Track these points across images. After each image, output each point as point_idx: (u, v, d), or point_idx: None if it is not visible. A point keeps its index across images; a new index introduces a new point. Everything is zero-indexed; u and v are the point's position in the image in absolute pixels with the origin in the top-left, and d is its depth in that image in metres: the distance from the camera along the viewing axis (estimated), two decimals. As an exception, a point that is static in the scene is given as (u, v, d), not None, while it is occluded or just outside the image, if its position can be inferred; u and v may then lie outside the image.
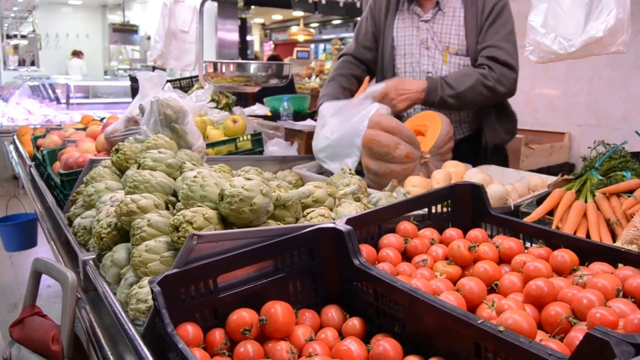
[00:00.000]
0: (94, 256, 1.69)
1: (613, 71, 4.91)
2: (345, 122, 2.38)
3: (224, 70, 2.66)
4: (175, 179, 1.74)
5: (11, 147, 4.30)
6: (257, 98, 5.71)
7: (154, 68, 8.89)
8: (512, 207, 1.92)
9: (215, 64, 2.68)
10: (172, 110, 2.09)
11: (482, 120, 2.73)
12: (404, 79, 2.65)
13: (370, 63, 2.97)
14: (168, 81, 4.19)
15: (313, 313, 1.30)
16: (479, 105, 2.66)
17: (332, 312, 1.30)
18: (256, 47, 17.37)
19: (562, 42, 1.90)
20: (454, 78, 2.55)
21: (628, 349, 0.77)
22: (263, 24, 18.25)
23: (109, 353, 1.35)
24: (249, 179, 1.40)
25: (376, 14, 2.90)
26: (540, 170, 3.68)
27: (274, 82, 2.76)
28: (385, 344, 1.12)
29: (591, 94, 5.09)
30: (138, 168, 1.79)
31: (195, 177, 1.49)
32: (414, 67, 2.78)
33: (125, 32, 14.29)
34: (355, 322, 1.25)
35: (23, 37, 14.18)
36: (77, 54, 15.36)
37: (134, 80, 4.38)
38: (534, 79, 5.52)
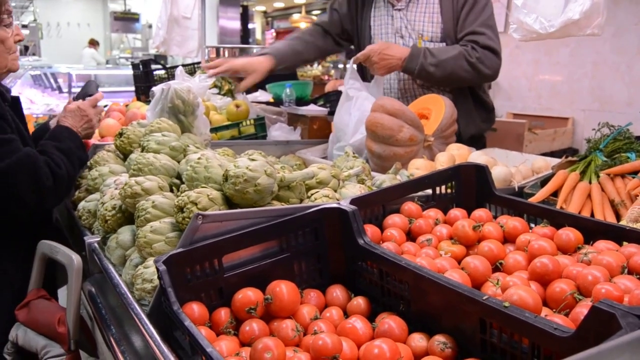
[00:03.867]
0: (98, 239, 1.70)
1: (617, 56, 4.88)
2: None
3: (226, 55, 2.64)
4: (179, 161, 1.74)
5: (14, 135, 4.29)
6: (259, 85, 5.69)
7: (155, 56, 8.87)
8: (516, 189, 1.92)
9: (217, 49, 2.67)
10: (182, 102, 2.08)
11: (458, 108, 2.71)
12: (390, 44, 2.61)
13: (339, 36, 3.02)
14: (169, 68, 4.19)
15: (318, 293, 1.30)
16: (461, 82, 2.62)
17: (337, 292, 1.30)
18: (258, 35, 17.29)
19: (542, 22, 1.94)
20: (437, 49, 2.54)
21: (634, 321, 0.77)
22: (265, 12, 18.13)
23: (115, 333, 1.36)
24: (253, 160, 1.40)
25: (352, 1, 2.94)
26: (543, 155, 3.66)
27: (276, 67, 2.75)
28: (390, 321, 1.12)
29: (595, 78, 5.06)
30: (142, 151, 1.78)
31: (199, 158, 1.49)
32: None
33: (126, 20, 14.26)
34: (360, 301, 1.25)
35: (24, 26, 14.15)
36: (93, 43, 15.29)
37: (136, 67, 4.35)
38: (537, 64, 5.49)
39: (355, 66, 2.59)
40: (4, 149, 1.71)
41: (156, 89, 2.16)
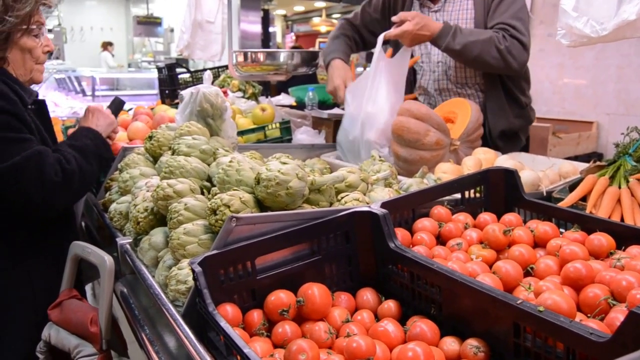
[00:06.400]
0: (130, 240, 1.73)
1: (643, 59, 4.82)
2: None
3: (258, 58, 2.66)
4: (208, 164, 1.76)
5: (41, 137, 4.36)
6: (280, 88, 5.72)
7: (177, 59, 8.95)
8: (545, 193, 1.91)
9: (245, 53, 2.69)
10: (211, 105, 2.10)
11: (489, 101, 2.67)
12: (425, 22, 2.49)
13: (366, 38, 3.05)
14: (193, 72, 4.23)
15: (348, 295, 1.31)
16: (487, 67, 2.57)
17: (367, 295, 1.31)
18: (278, 39, 17.37)
19: (594, 25, 1.88)
20: (468, 29, 2.53)
21: (674, 327, 0.77)
22: (285, 16, 18.20)
23: (148, 333, 1.38)
24: (284, 163, 1.41)
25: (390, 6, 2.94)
26: (567, 159, 3.63)
27: (302, 69, 2.77)
28: (422, 325, 1.13)
29: (620, 82, 5.00)
30: (172, 154, 1.81)
31: (230, 162, 1.51)
32: (430, 58, 2.82)
33: (149, 24, 14.39)
34: (390, 305, 1.26)
35: (49, 31, 14.36)
36: (105, 46, 15.47)
37: (160, 71, 4.41)
38: (561, 67, 5.44)
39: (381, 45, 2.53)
40: (17, 147, 1.70)
41: (185, 93, 2.19)
